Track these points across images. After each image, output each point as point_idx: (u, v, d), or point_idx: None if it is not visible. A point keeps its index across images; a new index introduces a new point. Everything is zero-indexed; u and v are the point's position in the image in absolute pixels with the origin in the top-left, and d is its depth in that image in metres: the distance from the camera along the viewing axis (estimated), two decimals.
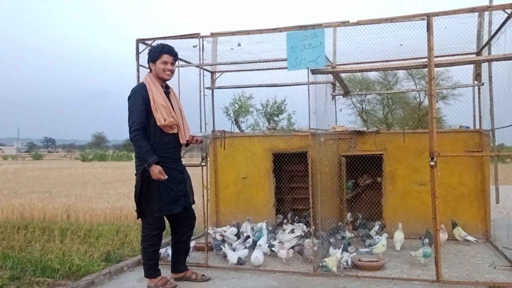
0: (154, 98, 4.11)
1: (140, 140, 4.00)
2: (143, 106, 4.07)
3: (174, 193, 4.17)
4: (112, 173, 22.99)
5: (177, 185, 4.23)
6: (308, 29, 4.96)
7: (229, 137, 7.25)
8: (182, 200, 4.27)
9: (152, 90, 4.15)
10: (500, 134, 5.70)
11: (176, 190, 4.20)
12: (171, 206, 4.17)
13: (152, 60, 4.30)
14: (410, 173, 6.43)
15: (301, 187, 7.36)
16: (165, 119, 4.11)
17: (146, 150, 3.98)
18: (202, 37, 5.30)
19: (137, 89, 4.21)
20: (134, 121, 4.01)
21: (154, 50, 4.33)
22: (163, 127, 4.14)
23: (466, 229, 6.06)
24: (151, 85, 4.18)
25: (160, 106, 4.10)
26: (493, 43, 5.55)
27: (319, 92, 5.96)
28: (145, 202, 4.13)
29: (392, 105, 24.89)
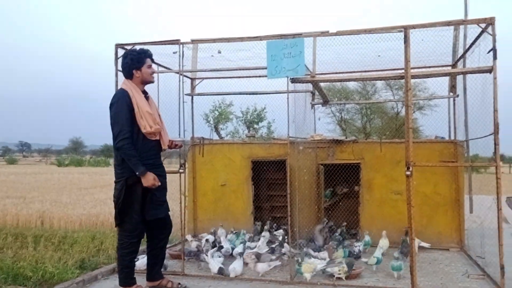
0: (138, 105, 4.07)
1: (130, 149, 3.96)
2: (128, 113, 4.03)
3: (157, 198, 4.16)
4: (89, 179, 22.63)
5: (161, 190, 4.22)
6: (288, 38, 5.00)
7: (208, 144, 7.23)
8: (166, 205, 4.30)
9: (136, 96, 4.11)
10: (474, 145, 5.81)
11: (159, 195, 4.19)
12: (155, 211, 4.15)
13: (137, 67, 4.23)
14: (387, 182, 6.51)
15: (280, 195, 7.38)
16: (151, 126, 4.08)
17: (137, 160, 3.96)
18: (182, 43, 5.29)
19: (121, 96, 4.14)
20: (122, 129, 3.96)
21: (138, 56, 4.26)
22: (147, 134, 4.11)
23: (440, 238, 6.17)
24: (134, 91, 4.14)
25: (146, 113, 4.08)
26: (468, 56, 5.67)
27: (299, 100, 6.00)
28: (126, 209, 4.07)
29: (371, 115, 25.21)
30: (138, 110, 4.05)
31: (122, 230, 4.19)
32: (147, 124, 4.06)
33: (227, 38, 5.53)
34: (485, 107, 4.78)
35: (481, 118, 5.02)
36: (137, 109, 4.06)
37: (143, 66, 4.21)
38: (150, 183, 3.95)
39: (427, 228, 6.23)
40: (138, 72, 4.22)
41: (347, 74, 6.63)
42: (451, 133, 6.81)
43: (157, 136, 4.22)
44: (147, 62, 4.24)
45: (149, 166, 4.11)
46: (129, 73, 4.24)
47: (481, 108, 4.97)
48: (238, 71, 6.63)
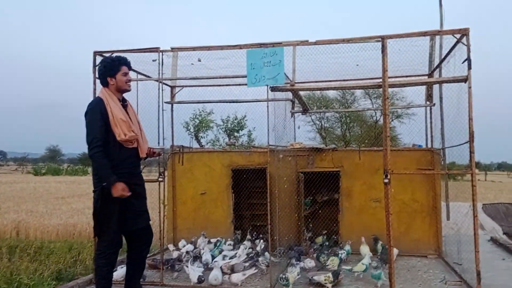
0: (113, 113, 4.00)
1: (101, 158, 3.87)
2: (102, 121, 3.95)
3: (136, 208, 4.08)
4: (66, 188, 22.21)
5: (139, 200, 4.15)
6: (268, 47, 5.02)
7: (188, 152, 7.18)
8: (146, 215, 4.20)
9: (110, 104, 4.04)
10: (450, 152, 5.91)
11: (138, 205, 4.12)
12: (134, 221, 4.07)
13: (111, 74, 4.17)
14: (366, 190, 6.57)
15: (260, 203, 7.36)
16: (125, 134, 4.01)
17: (107, 169, 3.87)
18: (161, 51, 5.26)
19: (95, 104, 4.08)
20: (95, 137, 3.88)
21: (112, 64, 4.21)
22: (123, 142, 4.04)
23: (418, 245, 6.24)
24: (109, 99, 4.07)
25: (120, 120, 4.00)
26: (444, 66, 5.79)
27: (278, 109, 6.02)
28: (104, 219, 3.99)
29: (350, 123, 25.47)
30: (112, 118, 3.99)
31: (100, 241, 4.11)
32: (121, 132, 3.99)
33: (207, 47, 5.53)
34: (460, 115, 4.88)
35: (456, 127, 5.12)
36: (111, 117, 3.99)
37: (118, 73, 4.14)
38: (119, 193, 3.84)
39: (406, 235, 6.29)
40: (112, 79, 4.15)
41: (326, 83, 6.69)
42: (428, 141, 6.91)
43: (135, 144, 4.14)
44: (122, 69, 4.17)
45: (126, 174, 4.04)
46: (104, 80, 4.18)
47: (457, 116, 5.07)
48: (218, 79, 6.62)
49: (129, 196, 3.99)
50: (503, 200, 14.53)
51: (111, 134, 3.98)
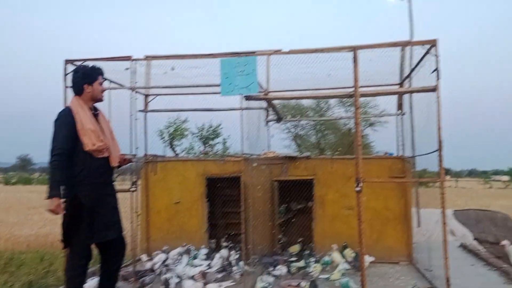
0: (82, 122, 3.94)
1: (55, 167, 3.76)
2: (68, 131, 3.87)
3: (107, 219, 4.00)
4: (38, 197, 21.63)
5: (111, 210, 4.07)
6: (242, 56, 5.04)
7: (162, 161, 7.11)
8: (117, 226, 4.11)
9: (80, 113, 3.97)
10: (421, 160, 6.03)
11: (110, 215, 4.04)
12: (105, 233, 3.98)
13: (89, 81, 4.11)
14: (339, 198, 6.63)
15: (235, 211, 7.32)
16: (93, 144, 3.93)
17: (56, 181, 3.73)
18: (134, 60, 5.23)
19: (63, 113, 4.01)
20: (56, 145, 3.80)
21: (92, 71, 4.16)
22: (93, 152, 3.97)
23: (390, 252, 6.32)
24: (79, 109, 4.01)
25: (88, 130, 3.93)
26: (414, 76, 5.91)
27: (252, 117, 6.05)
28: (72, 230, 3.90)
29: (324, 131, 25.70)
30: (81, 127, 3.92)
31: (70, 252, 4.02)
32: (89, 142, 3.93)
33: (181, 55, 5.52)
34: (430, 124, 4.98)
35: (426, 135, 5.23)
36: (80, 126, 3.92)
37: (95, 82, 4.11)
38: (51, 208, 3.70)
39: (378, 243, 6.36)
40: (89, 87, 4.10)
41: (300, 92, 6.74)
42: (399, 149, 7.03)
43: (105, 153, 4.08)
44: (99, 79, 4.14)
45: (99, 185, 3.98)
46: (80, 88, 4.11)
47: (426, 125, 5.18)
48: (192, 88, 6.60)
49: (99, 208, 3.92)
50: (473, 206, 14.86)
51: (80, 143, 3.91)
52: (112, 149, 4.18)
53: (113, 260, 4.23)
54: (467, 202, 19.76)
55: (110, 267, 4.23)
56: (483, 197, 26.60)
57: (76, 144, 3.89)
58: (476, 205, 17.27)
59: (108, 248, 4.15)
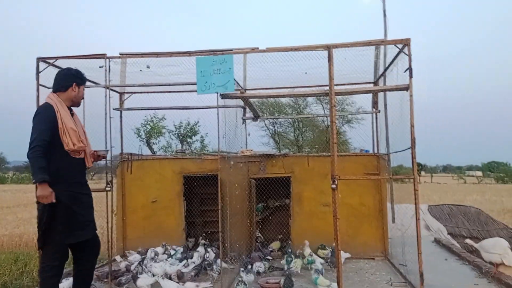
0: (63, 121, 3.89)
1: (37, 156, 3.68)
2: (48, 125, 3.82)
3: (84, 218, 3.96)
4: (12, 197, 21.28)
5: (87, 210, 4.03)
6: (218, 55, 5.03)
7: (138, 160, 7.05)
8: (92, 226, 4.07)
9: (61, 112, 3.93)
10: (395, 157, 6.14)
11: (86, 214, 4.00)
12: (80, 232, 3.94)
13: (79, 83, 4.11)
14: (316, 195, 6.69)
15: (212, 209, 7.33)
16: (74, 144, 3.90)
17: (41, 167, 3.68)
18: (108, 57, 5.16)
19: (44, 109, 3.95)
20: (36, 138, 3.73)
21: (82, 75, 4.19)
22: (71, 152, 3.93)
23: (366, 247, 6.42)
24: (59, 106, 3.96)
25: (70, 130, 3.90)
26: (388, 74, 6.00)
27: (229, 116, 6.04)
28: (49, 230, 3.84)
29: (302, 128, 25.82)
30: (62, 126, 3.88)
31: (44, 253, 3.96)
32: (70, 141, 3.89)
33: (156, 53, 5.47)
34: (403, 122, 5.07)
35: (400, 133, 5.32)
36: (61, 125, 3.88)
37: (82, 85, 4.14)
38: (44, 194, 3.67)
39: (354, 239, 6.45)
40: (77, 88, 4.07)
41: (277, 90, 6.78)
42: (375, 146, 7.13)
43: (82, 154, 4.05)
44: (84, 85, 4.19)
45: (74, 184, 3.94)
46: (67, 85, 4.06)
47: (400, 123, 5.27)
48: (169, 86, 6.56)
49: (76, 207, 3.88)
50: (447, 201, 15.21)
51: (57, 142, 3.86)
52: (87, 149, 4.16)
53: (87, 260, 4.17)
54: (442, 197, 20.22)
55: (83, 266, 4.17)
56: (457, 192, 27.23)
57: (54, 141, 3.84)
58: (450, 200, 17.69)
59: (82, 247, 4.10)
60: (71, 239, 3.92)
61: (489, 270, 5.44)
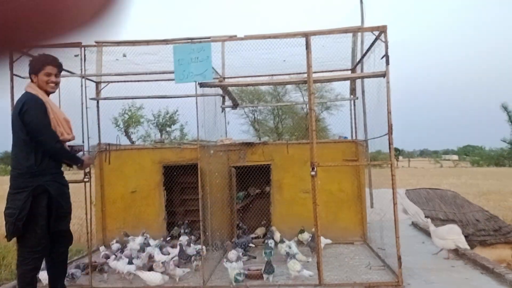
0: (54, 112, 3.85)
1: (66, 150, 4.03)
2: (48, 118, 3.82)
3: (63, 210, 3.95)
4: None
5: (66, 201, 4.02)
6: (196, 43, 4.99)
7: (116, 150, 6.98)
8: (69, 217, 4.07)
9: (49, 102, 3.88)
10: (373, 143, 6.23)
11: (66, 206, 3.99)
12: (59, 222, 3.92)
13: (34, 72, 3.96)
14: (296, 182, 6.75)
15: (193, 198, 7.31)
16: (68, 134, 3.90)
17: (73, 155, 4.13)
18: (84, 46, 5.07)
19: (35, 101, 3.84)
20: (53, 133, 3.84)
21: (36, 61, 3.99)
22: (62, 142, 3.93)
23: (345, 232, 6.53)
24: (45, 97, 3.89)
25: (62, 120, 3.91)
26: (365, 61, 6.06)
27: (208, 104, 6.03)
28: (29, 221, 3.79)
29: (282, 115, 25.95)
30: (53, 116, 3.84)
31: (23, 246, 3.90)
32: (64, 131, 3.90)
33: (133, 41, 5.42)
34: (380, 109, 5.14)
35: (377, 119, 5.39)
36: (52, 115, 3.84)
37: (40, 72, 3.95)
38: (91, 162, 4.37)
39: (333, 224, 6.54)
40: (35, 77, 3.97)
41: (255, 78, 6.77)
42: (353, 132, 7.22)
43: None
44: (45, 69, 3.96)
45: (58, 175, 3.94)
46: (30, 77, 4.00)
47: (377, 109, 5.34)
48: (146, 75, 6.49)
49: (59, 198, 3.86)
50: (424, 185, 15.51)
51: None
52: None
53: (59, 251, 4.13)
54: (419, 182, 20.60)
55: (57, 258, 4.14)
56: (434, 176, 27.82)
57: None
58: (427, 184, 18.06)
59: (55, 240, 4.06)
60: (51, 228, 3.89)
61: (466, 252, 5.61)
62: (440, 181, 21.59)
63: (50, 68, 3.97)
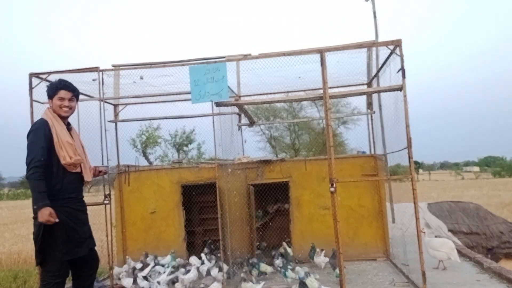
0: (58, 135, 3.89)
1: (37, 179, 3.69)
2: (45, 143, 3.81)
3: (79, 235, 3.95)
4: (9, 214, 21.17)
5: (82, 227, 4.02)
6: (211, 63, 5.06)
7: (135, 171, 7.05)
8: (88, 242, 4.06)
9: (56, 126, 3.93)
10: (392, 157, 6.17)
11: (81, 231, 3.99)
12: (77, 249, 3.93)
13: (49, 96, 4.09)
14: (314, 198, 6.71)
15: (212, 218, 7.31)
16: (71, 157, 3.89)
17: (40, 191, 3.68)
18: (101, 70, 5.19)
19: (39, 125, 3.94)
20: (34, 157, 3.72)
21: (50, 86, 4.13)
22: (67, 166, 3.91)
23: (367, 249, 6.44)
24: (54, 121, 3.96)
25: (65, 143, 3.89)
26: (381, 75, 6.05)
27: (225, 123, 6.07)
28: (47, 247, 3.83)
29: (298, 131, 25.88)
30: (57, 140, 3.88)
31: (45, 270, 3.94)
32: (66, 154, 3.89)
33: (149, 64, 5.51)
34: (398, 122, 5.11)
35: (395, 133, 5.35)
36: (56, 139, 3.88)
37: (54, 97, 4.04)
38: (45, 218, 3.63)
39: (354, 240, 6.47)
40: (51, 102, 4.07)
41: (271, 95, 6.81)
42: (371, 147, 7.17)
43: (78, 168, 4.04)
44: (59, 93, 4.02)
45: (71, 200, 3.94)
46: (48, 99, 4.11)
47: (395, 123, 5.31)
48: (163, 96, 6.58)
49: (72, 223, 3.88)
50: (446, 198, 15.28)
51: (55, 157, 3.86)
52: (85, 163, 4.16)
53: (86, 276, 4.16)
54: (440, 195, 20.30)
55: (83, 282, 4.17)
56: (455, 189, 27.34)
57: (50, 157, 3.84)
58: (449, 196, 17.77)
59: (81, 263, 4.09)
60: (68, 255, 3.91)
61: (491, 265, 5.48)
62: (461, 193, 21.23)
63: (64, 92, 4.05)
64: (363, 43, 5.05)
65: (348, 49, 4.99)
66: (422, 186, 28.94)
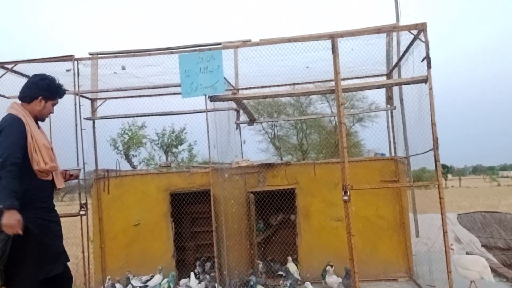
0: (34, 136, 3.86)
1: (12, 178, 3.59)
2: (23, 141, 3.81)
3: (53, 250, 3.95)
4: None
5: (56, 240, 4.01)
6: (204, 51, 5.07)
7: (116, 176, 7.05)
8: (63, 258, 4.05)
9: (30, 125, 3.91)
10: (415, 160, 6.17)
11: (55, 246, 3.98)
12: (52, 266, 3.92)
13: (46, 97, 4.05)
14: (325, 208, 6.71)
15: (205, 231, 7.33)
16: (46, 163, 3.87)
17: (12, 191, 3.56)
18: (76, 59, 5.20)
19: (12, 121, 3.90)
20: (12, 153, 3.63)
21: (55, 89, 4.09)
22: (39, 172, 3.91)
23: (387, 267, 6.44)
24: (28, 120, 3.94)
25: (42, 146, 3.86)
26: (403, 64, 6.06)
27: (220, 121, 6.09)
28: (15, 265, 3.83)
29: (307, 129, 25.82)
30: (32, 141, 3.85)
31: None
32: (41, 160, 3.86)
33: (132, 51, 5.52)
34: (423, 119, 5.11)
35: (420, 132, 5.36)
36: (31, 140, 3.85)
37: (51, 101, 4.05)
38: (11, 223, 3.51)
39: (372, 257, 6.46)
40: (43, 102, 4.03)
41: (274, 88, 6.82)
42: (391, 148, 7.17)
43: (49, 175, 4.04)
44: (56, 99, 4.08)
45: (43, 210, 3.93)
46: (33, 97, 4.01)
47: (419, 120, 5.31)
48: (148, 89, 6.59)
49: (45, 237, 3.88)
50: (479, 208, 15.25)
51: (26, 161, 3.85)
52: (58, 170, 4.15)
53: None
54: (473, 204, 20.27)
55: None
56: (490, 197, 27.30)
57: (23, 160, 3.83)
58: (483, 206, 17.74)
59: (52, 282, 4.09)
60: (41, 274, 3.91)
61: None
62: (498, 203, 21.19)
63: (58, 100, 4.11)
64: (382, 28, 5.06)
65: (364, 34, 5.00)
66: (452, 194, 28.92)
